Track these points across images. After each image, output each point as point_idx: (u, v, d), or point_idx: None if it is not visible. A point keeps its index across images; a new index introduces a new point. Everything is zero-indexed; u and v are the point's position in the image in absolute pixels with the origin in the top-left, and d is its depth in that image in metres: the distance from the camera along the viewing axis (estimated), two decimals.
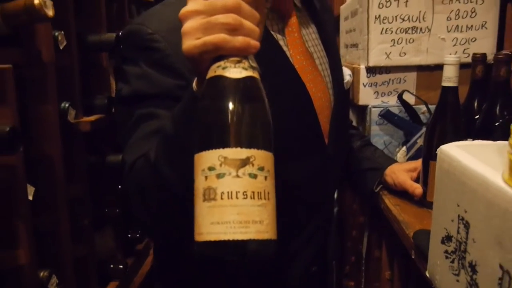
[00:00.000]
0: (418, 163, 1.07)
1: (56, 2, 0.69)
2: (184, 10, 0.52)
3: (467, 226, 0.57)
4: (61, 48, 0.71)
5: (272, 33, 0.84)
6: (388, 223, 1.07)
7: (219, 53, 0.49)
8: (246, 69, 0.48)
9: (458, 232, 0.60)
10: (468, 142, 0.69)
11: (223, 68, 0.48)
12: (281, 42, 0.85)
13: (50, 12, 0.58)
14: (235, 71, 0.47)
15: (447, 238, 0.64)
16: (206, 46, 0.49)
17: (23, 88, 0.61)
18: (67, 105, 0.76)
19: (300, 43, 0.88)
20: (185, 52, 0.51)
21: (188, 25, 0.51)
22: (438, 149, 0.69)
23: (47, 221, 0.69)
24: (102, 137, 0.93)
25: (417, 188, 1.02)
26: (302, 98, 0.85)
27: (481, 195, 0.53)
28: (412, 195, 1.03)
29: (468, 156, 0.61)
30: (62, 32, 0.69)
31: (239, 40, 0.49)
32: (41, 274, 0.66)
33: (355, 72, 1.35)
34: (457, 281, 0.60)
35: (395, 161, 1.15)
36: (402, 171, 1.09)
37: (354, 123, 1.47)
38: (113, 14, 0.97)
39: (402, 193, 1.08)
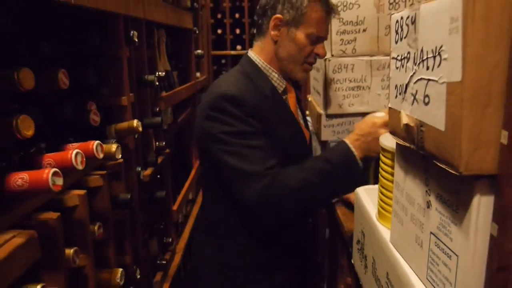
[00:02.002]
0: None
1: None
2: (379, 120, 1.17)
3: (364, 236, 1.09)
4: (136, 137, 1.20)
5: (284, 98, 1.43)
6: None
7: None
8: None
9: (362, 238, 1.12)
10: (372, 186, 1.21)
11: None
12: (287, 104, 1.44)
13: (140, 129, 1.06)
14: None
15: (358, 241, 1.16)
16: None
17: None
18: (139, 168, 1.25)
19: (294, 104, 1.48)
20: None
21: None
22: (355, 190, 1.21)
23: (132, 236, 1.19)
24: (151, 181, 1.42)
25: None
26: (301, 134, 1.46)
27: (366, 221, 1.05)
28: None
29: (366, 196, 1.13)
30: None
31: None
32: (133, 267, 1.16)
33: (318, 117, 1.86)
34: (361, 265, 1.12)
35: None
36: None
37: (319, 152, 1.98)
38: (151, 94, 1.47)
39: (350, 206, 1.60)
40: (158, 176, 1.53)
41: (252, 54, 1.42)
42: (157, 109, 1.45)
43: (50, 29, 1.01)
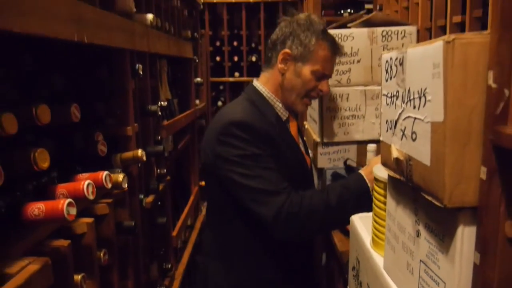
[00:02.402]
0: None
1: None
2: None
3: (359, 262, 1.13)
4: (139, 166, 1.25)
5: (287, 126, 1.50)
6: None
7: None
8: None
9: (357, 265, 1.16)
10: (367, 214, 1.25)
11: None
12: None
13: (144, 158, 1.11)
14: None
15: (353, 268, 1.19)
16: None
17: None
18: (142, 196, 1.29)
19: (295, 132, 1.56)
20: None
21: None
22: (350, 218, 1.25)
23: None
24: (153, 207, 1.47)
25: None
26: (303, 160, 1.52)
27: (361, 248, 1.09)
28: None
29: (361, 224, 1.17)
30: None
31: None
32: None
33: (314, 145, 1.92)
34: None
35: None
36: None
37: (315, 179, 2.03)
38: (153, 123, 1.53)
39: (346, 232, 1.64)
40: (159, 203, 1.57)
41: (257, 84, 1.50)
42: (159, 137, 1.50)
43: (61, 64, 1.07)
